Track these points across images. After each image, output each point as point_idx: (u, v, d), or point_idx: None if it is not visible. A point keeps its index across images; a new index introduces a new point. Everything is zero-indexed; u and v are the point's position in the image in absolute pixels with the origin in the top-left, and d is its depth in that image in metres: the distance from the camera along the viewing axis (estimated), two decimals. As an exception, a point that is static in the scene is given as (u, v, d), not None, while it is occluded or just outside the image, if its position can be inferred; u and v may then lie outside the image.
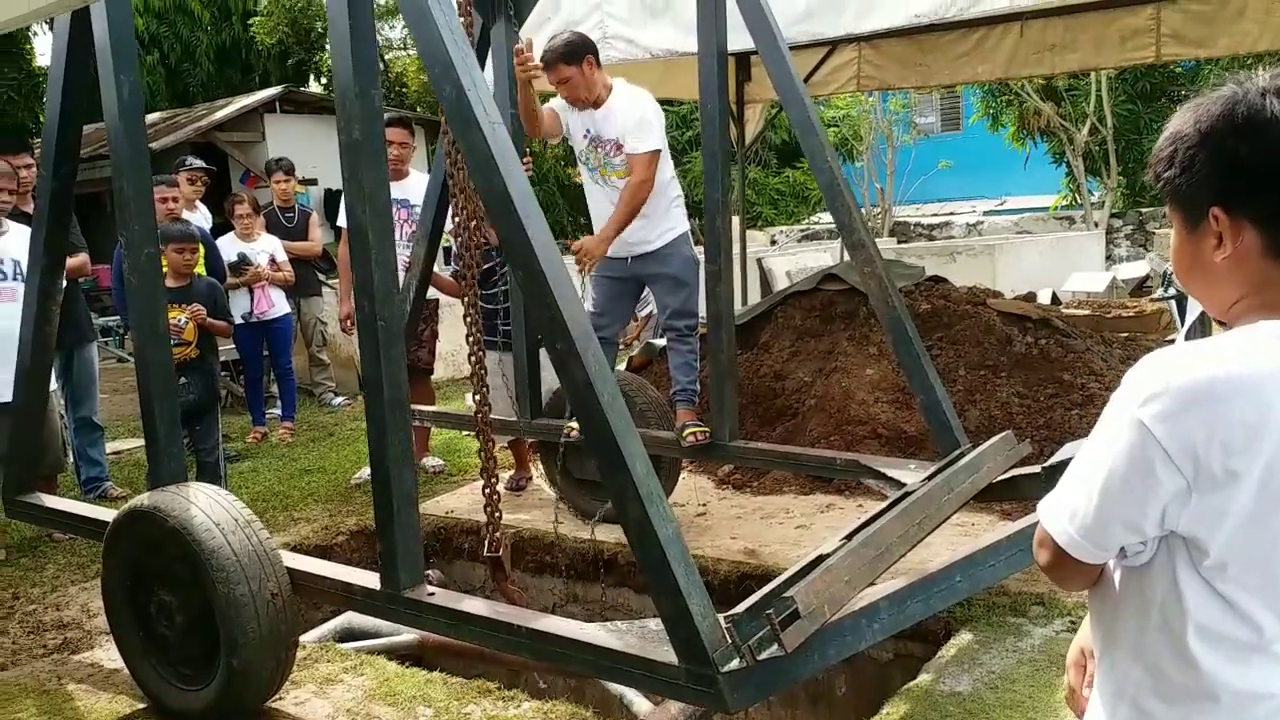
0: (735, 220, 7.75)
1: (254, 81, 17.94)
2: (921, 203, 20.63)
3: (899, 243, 15.67)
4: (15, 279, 4.78)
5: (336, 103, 2.78)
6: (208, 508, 3.06)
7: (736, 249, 7.41)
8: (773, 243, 16.55)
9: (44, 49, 18.42)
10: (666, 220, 4.47)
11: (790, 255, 11.88)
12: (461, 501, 5.38)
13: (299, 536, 4.92)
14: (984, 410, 5.05)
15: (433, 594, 2.92)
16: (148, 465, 3.48)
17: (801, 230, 17.80)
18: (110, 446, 6.21)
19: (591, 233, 4.48)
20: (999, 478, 3.51)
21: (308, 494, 5.67)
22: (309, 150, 12.99)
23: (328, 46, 20.12)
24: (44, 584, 4.57)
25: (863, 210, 19.00)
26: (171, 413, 3.41)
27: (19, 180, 5.03)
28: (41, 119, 15.45)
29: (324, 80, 20.36)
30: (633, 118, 4.27)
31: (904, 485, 3.43)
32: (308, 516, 5.27)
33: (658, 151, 4.27)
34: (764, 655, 2.31)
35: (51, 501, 3.83)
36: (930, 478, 3.35)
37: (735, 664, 2.30)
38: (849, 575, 2.66)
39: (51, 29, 3.57)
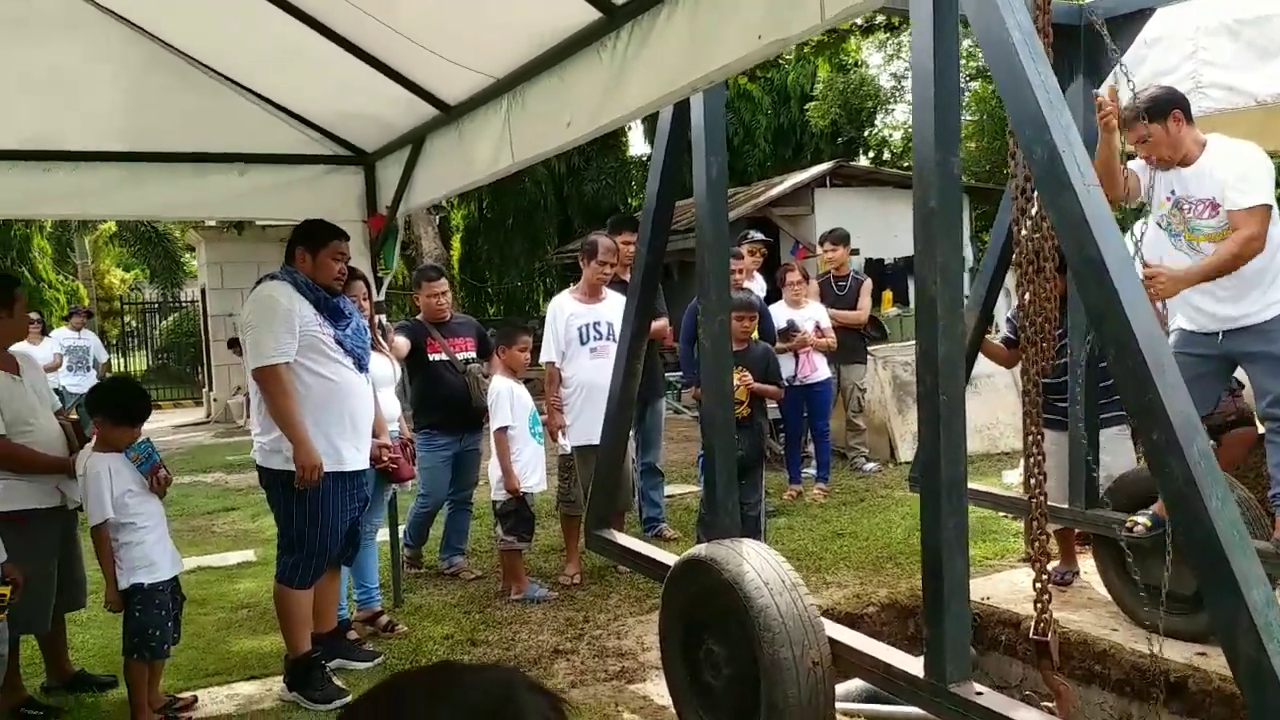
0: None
1: (805, 159, 19.04)
2: None
3: None
4: (609, 339, 5.46)
5: (914, 172, 2.74)
6: (759, 566, 3.16)
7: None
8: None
9: (635, 142, 21.24)
10: (1274, 290, 3.82)
11: None
12: (997, 588, 5.03)
13: (830, 601, 4.94)
14: None
15: (981, 693, 2.70)
16: (705, 516, 3.71)
17: None
18: (666, 490, 6.80)
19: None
20: None
21: (839, 558, 5.69)
22: (853, 222, 13.36)
23: (878, 122, 20.57)
24: (608, 611, 5.08)
25: None
26: (730, 469, 3.60)
27: (618, 255, 5.75)
28: (631, 202, 17.80)
29: (870, 155, 20.98)
30: (1234, 171, 3.75)
31: None
32: (839, 581, 5.28)
33: (1268, 207, 3.69)
34: None
35: (622, 539, 4.25)
36: None
37: None
38: None
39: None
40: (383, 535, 5.32)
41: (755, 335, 6.35)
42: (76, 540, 4.21)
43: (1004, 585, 5.01)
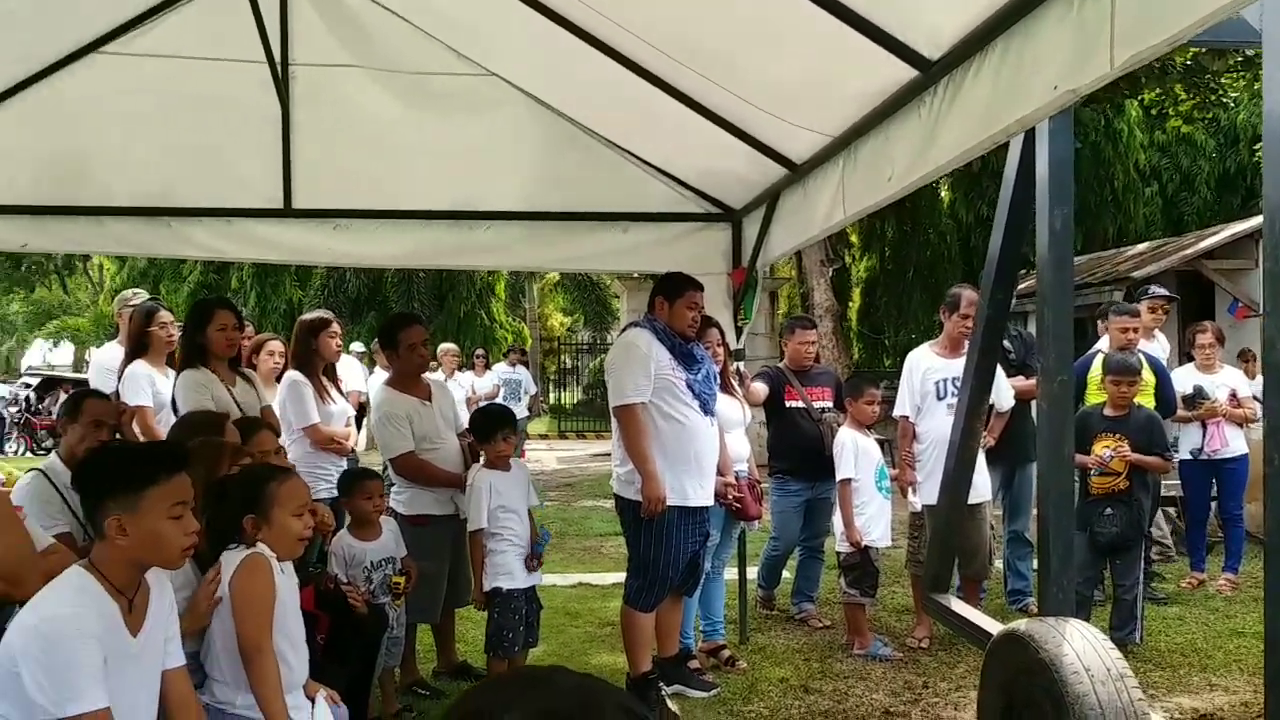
0: None
1: (1254, 207, 16.78)
2: None
3: None
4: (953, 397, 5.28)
5: (1264, 225, 2.45)
6: (1081, 649, 2.92)
7: None
8: None
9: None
10: None
11: None
12: None
13: (1210, 705, 4.36)
14: None
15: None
16: (1039, 591, 3.48)
17: None
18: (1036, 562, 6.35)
19: None
20: None
21: (1233, 659, 4.98)
22: (1311, 277, 11.61)
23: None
24: (952, 680, 4.87)
25: None
26: (1065, 541, 3.36)
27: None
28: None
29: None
30: None
31: None
32: (1226, 685, 4.63)
33: None
34: None
35: (955, 604, 4.08)
36: None
37: None
38: None
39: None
40: (731, 573, 5.53)
41: (1151, 401, 5.82)
42: (465, 546, 4.86)
43: None
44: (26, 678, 2.16)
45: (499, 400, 13.95)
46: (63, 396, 17.10)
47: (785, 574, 6.23)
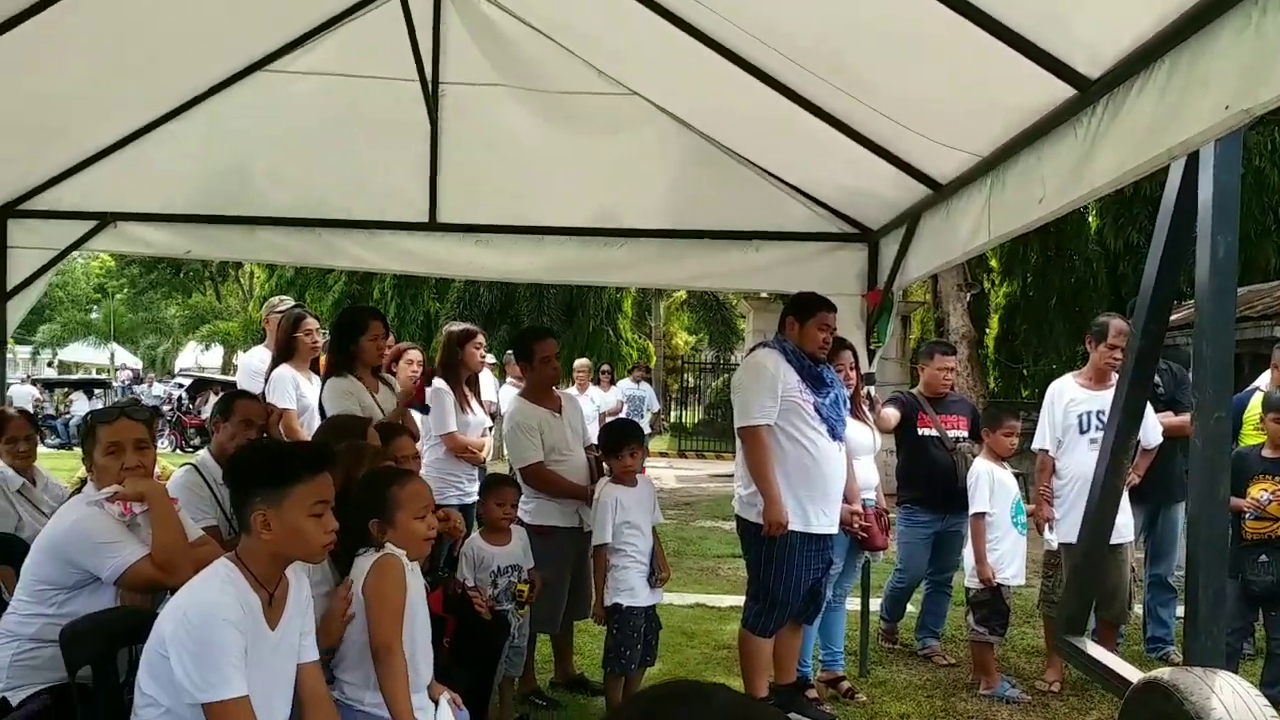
0: None
1: None
2: None
3: None
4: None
5: None
6: (1232, 703, 2.74)
7: None
8: None
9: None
10: None
11: None
12: None
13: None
14: None
15: None
16: (1183, 639, 3.28)
17: None
18: (1180, 609, 5.99)
19: None
20: None
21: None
22: None
23: None
24: (1083, 729, 4.64)
25: None
26: (1216, 588, 3.16)
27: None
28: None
29: None
30: None
31: None
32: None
33: None
34: None
35: (1091, 649, 3.89)
36: None
37: None
38: None
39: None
40: (854, 603, 5.40)
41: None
42: (587, 559, 4.90)
43: None
44: (174, 662, 2.27)
45: (623, 414, 14.07)
46: (212, 397, 18.02)
47: (910, 607, 6.06)
